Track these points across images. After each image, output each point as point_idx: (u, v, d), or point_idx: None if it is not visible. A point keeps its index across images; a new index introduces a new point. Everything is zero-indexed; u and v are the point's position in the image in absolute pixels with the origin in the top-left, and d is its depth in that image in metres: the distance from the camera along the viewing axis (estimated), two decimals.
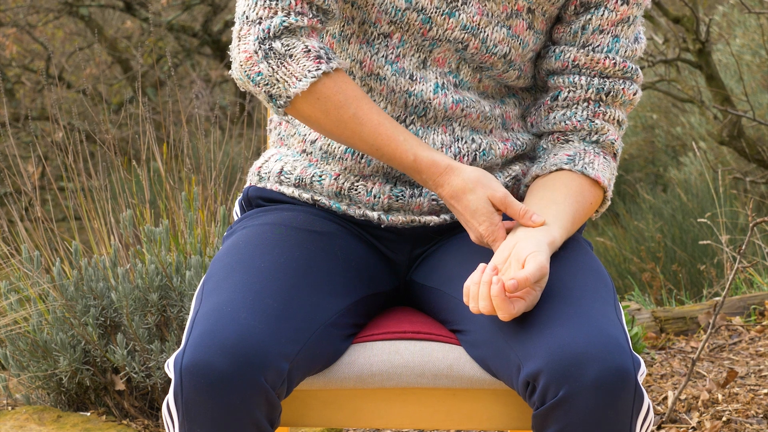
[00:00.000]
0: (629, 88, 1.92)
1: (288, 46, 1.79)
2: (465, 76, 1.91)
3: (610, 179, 1.91)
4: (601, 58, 1.90)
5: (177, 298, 3.07)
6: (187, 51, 10.07)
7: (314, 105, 1.79)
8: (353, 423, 1.84)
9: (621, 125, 1.93)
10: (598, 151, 1.91)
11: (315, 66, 1.78)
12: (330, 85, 1.79)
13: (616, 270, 5.97)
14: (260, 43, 1.79)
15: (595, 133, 1.91)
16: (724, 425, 2.97)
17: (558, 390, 1.63)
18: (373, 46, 1.89)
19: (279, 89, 1.79)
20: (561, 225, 1.80)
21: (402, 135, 1.80)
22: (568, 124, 1.92)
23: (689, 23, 5.08)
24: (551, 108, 1.94)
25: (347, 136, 1.81)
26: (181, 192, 3.48)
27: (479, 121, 1.92)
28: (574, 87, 1.92)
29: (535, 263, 1.69)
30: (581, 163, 1.88)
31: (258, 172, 2.01)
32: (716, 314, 2.96)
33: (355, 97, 1.80)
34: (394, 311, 1.94)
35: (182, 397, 1.64)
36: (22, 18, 9.42)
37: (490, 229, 1.78)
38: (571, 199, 1.85)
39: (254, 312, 1.69)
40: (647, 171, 8.16)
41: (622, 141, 1.97)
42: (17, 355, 3.16)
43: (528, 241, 1.74)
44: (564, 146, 1.92)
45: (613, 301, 1.77)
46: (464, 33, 1.87)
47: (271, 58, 1.79)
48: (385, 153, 1.80)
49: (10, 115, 8.78)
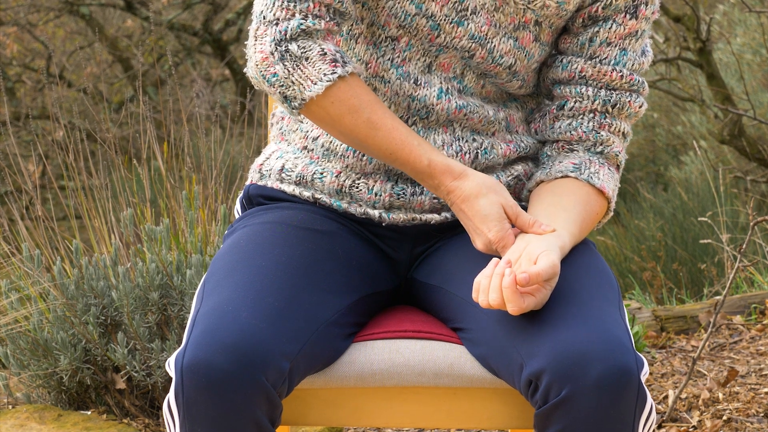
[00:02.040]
0: (635, 101, 1.93)
1: (304, 49, 1.79)
2: (469, 82, 1.92)
3: (614, 190, 1.91)
4: (608, 70, 1.91)
5: (178, 297, 3.07)
6: (188, 50, 10.07)
7: (329, 108, 1.80)
8: (354, 422, 1.84)
9: (626, 137, 1.94)
10: (603, 162, 1.92)
11: (331, 69, 1.79)
12: (345, 89, 1.79)
13: (616, 269, 5.97)
14: (276, 44, 1.79)
15: (600, 144, 1.92)
16: (724, 424, 2.97)
17: (561, 389, 1.63)
18: (379, 49, 1.90)
19: (294, 91, 1.79)
20: (570, 231, 1.81)
21: (416, 140, 1.80)
22: (573, 135, 1.92)
23: (690, 22, 5.08)
24: (557, 117, 1.94)
25: (361, 140, 1.81)
26: (182, 191, 3.48)
27: (481, 124, 1.92)
28: (581, 98, 1.92)
29: (547, 260, 1.69)
30: (587, 172, 1.89)
31: (259, 170, 2.01)
32: (717, 313, 2.96)
33: (369, 101, 1.80)
34: (395, 310, 1.94)
35: (183, 396, 1.64)
36: (23, 17, 9.42)
37: (500, 234, 1.77)
38: (579, 207, 1.85)
39: (255, 311, 1.69)
40: (648, 170, 8.16)
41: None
42: (18, 353, 3.16)
43: (540, 242, 1.74)
44: (569, 155, 1.92)
45: (617, 301, 1.77)
46: (471, 42, 1.88)
47: (287, 60, 1.79)
48: (399, 157, 1.80)
49: (11, 113, 8.78)
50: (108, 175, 3.81)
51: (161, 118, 4.52)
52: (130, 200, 3.51)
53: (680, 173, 7.12)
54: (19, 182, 3.55)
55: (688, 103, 6.55)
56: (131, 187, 3.56)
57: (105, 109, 4.60)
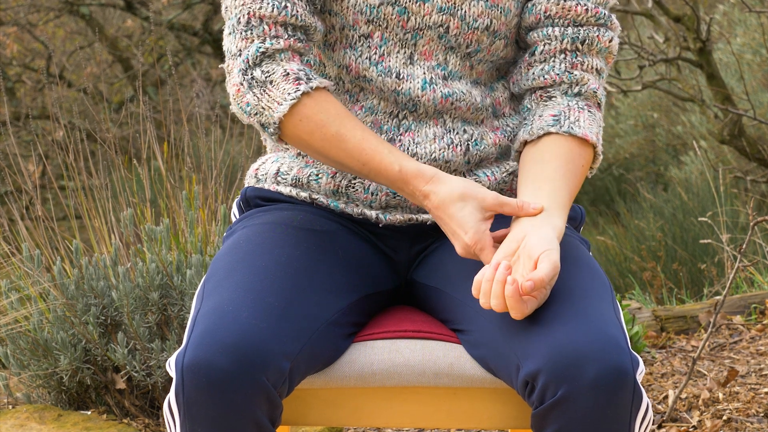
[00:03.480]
0: (604, 35, 1.92)
1: (268, 73, 1.81)
2: (454, 66, 1.91)
3: (597, 133, 1.89)
4: (572, 5, 1.90)
5: (178, 297, 3.07)
6: (188, 50, 10.07)
7: (298, 127, 1.80)
8: (354, 422, 1.84)
9: (600, 74, 1.92)
10: (582, 106, 1.90)
11: (294, 88, 1.80)
12: (311, 105, 1.80)
13: (616, 269, 5.97)
14: (243, 74, 1.83)
15: (575, 84, 1.90)
16: (724, 424, 2.97)
17: (557, 389, 1.63)
18: (356, 49, 1.90)
19: (266, 117, 1.81)
20: (560, 204, 1.79)
21: (386, 148, 1.80)
22: (547, 78, 1.91)
23: (690, 22, 5.08)
24: (530, 64, 1.93)
25: (334, 155, 1.81)
26: (182, 191, 3.48)
27: (470, 112, 1.92)
28: (549, 39, 1.91)
29: (549, 263, 1.68)
30: (567, 123, 1.87)
31: (255, 174, 2.01)
32: (717, 313, 2.96)
33: (337, 114, 1.80)
34: (395, 310, 1.94)
35: (183, 396, 1.64)
36: (23, 17, 9.42)
37: (475, 237, 1.75)
38: (562, 170, 1.83)
39: (255, 311, 1.69)
40: (648, 170, 8.16)
41: (624, 141, 1.97)
42: (18, 353, 3.16)
43: (537, 237, 1.72)
44: (548, 105, 1.91)
45: (611, 300, 1.77)
46: (442, 15, 1.88)
47: (255, 87, 1.82)
48: (372, 168, 1.79)
49: (11, 113, 8.79)
50: (108, 175, 3.81)
51: (161, 118, 4.52)
52: (130, 200, 3.51)
53: (680, 173, 7.12)
54: (19, 182, 3.55)
55: (688, 103, 6.55)
56: (131, 187, 3.56)
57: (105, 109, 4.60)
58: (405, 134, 1.91)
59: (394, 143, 1.90)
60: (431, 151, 1.90)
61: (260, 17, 1.83)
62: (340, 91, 1.93)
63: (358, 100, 1.92)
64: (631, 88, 5.74)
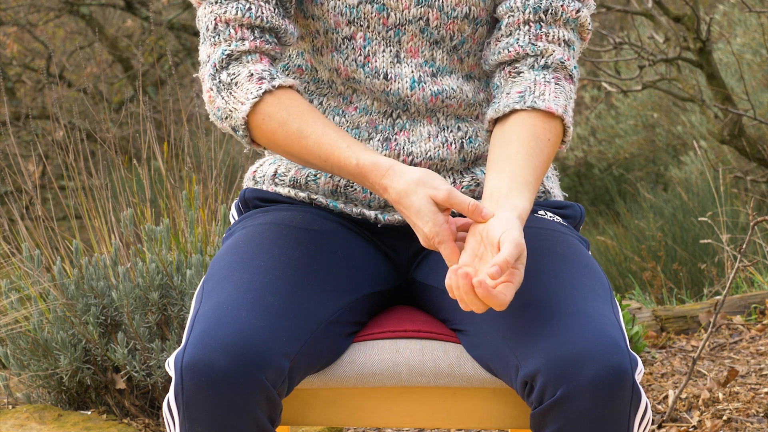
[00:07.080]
0: (570, 5, 1.87)
1: (233, 75, 1.81)
2: (442, 62, 1.91)
3: (566, 106, 1.84)
4: None
5: (178, 297, 3.07)
6: (188, 50, 10.07)
7: (263, 126, 1.80)
8: (354, 422, 1.84)
9: (570, 45, 1.87)
10: (550, 79, 1.85)
11: (257, 87, 1.80)
12: (273, 102, 1.79)
13: (616, 269, 5.97)
14: (212, 78, 1.83)
15: (541, 56, 1.86)
16: (724, 424, 2.97)
17: (556, 390, 1.63)
18: (342, 52, 1.90)
19: (234, 119, 1.81)
20: (521, 183, 1.73)
21: (346, 142, 1.77)
22: (511, 51, 1.87)
23: (690, 22, 5.08)
24: (498, 39, 1.90)
25: (297, 152, 1.79)
26: (182, 191, 3.48)
27: (462, 109, 1.92)
28: (512, 11, 1.88)
29: (510, 242, 1.62)
30: (531, 98, 1.82)
31: (253, 177, 2.02)
32: (717, 313, 2.96)
33: (299, 111, 1.79)
34: (395, 310, 1.94)
35: (183, 396, 1.64)
36: (23, 17, 9.42)
37: (434, 230, 1.70)
38: (525, 149, 1.78)
39: (255, 310, 1.69)
40: (648, 170, 8.16)
41: (624, 141, 1.96)
42: (18, 353, 3.16)
43: (496, 221, 1.67)
44: (516, 81, 1.86)
45: (609, 299, 1.77)
46: (420, 8, 1.87)
47: (222, 91, 1.82)
48: (333, 163, 1.77)
49: (11, 113, 8.79)
50: (108, 175, 3.82)
51: (161, 118, 4.52)
52: (130, 200, 3.51)
53: (680, 173, 7.12)
54: (19, 182, 3.55)
55: (688, 103, 6.55)
56: (131, 187, 3.56)
57: (105, 109, 4.60)
58: (400, 133, 1.91)
59: (390, 143, 1.90)
60: (426, 149, 1.90)
61: (226, 21, 1.83)
62: (334, 93, 1.93)
63: (351, 102, 1.92)
64: (631, 88, 5.74)
